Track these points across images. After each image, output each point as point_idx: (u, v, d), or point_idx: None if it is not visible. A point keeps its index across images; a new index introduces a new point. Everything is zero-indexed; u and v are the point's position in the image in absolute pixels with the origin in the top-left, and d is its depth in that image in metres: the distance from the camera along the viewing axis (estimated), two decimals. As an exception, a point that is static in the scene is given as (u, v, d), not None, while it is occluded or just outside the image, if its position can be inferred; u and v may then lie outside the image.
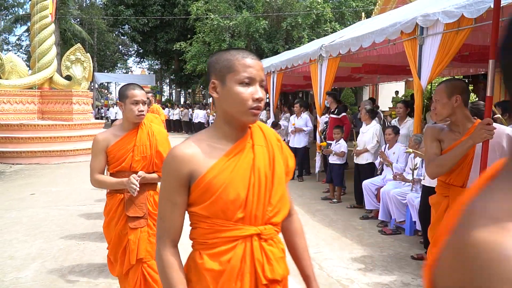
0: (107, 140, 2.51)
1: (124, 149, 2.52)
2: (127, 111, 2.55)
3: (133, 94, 2.54)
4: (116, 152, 2.51)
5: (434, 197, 2.48)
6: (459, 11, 4.13)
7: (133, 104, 2.52)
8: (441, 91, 2.30)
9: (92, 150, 2.53)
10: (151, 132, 2.61)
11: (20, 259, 4.04)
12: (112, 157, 2.52)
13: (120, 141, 2.52)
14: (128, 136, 2.55)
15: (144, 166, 2.56)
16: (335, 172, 6.47)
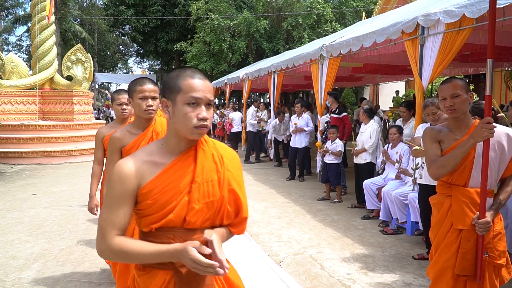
0: (140, 172, 1.38)
1: (173, 189, 1.37)
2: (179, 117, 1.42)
3: None
4: (158, 196, 1.36)
5: (436, 197, 2.47)
6: (460, 10, 4.13)
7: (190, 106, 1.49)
8: (461, 86, 2.26)
9: (112, 191, 1.39)
10: (217, 156, 1.46)
11: (22, 259, 4.05)
12: (149, 204, 1.37)
13: (165, 173, 1.38)
14: (180, 164, 1.40)
15: (208, 219, 1.42)
16: (332, 171, 6.47)
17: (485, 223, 2.17)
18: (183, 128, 1.36)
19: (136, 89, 2.42)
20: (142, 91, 2.41)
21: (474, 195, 2.25)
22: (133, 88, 2.43)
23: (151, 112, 2.44)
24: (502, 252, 2.28)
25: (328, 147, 6.58)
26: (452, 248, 2.28)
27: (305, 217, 5.56)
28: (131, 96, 2.45)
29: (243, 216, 1.50)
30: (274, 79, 10.10)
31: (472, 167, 2.25)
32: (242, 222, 1.51)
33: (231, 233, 1.52)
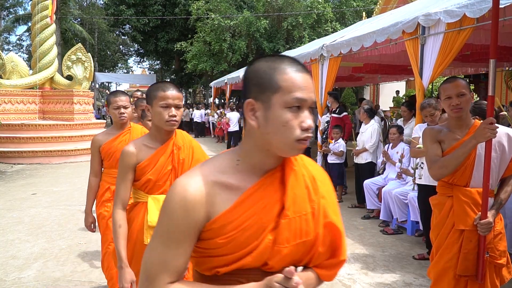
0: (210, 198, 1.02)
1: (254, 224, 1.02)
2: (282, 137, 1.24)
3: None
4: (234, 234, 1.01)
5: (436, 198, 2.47)
6: (461, 10, 4.12)
7: None
8: (465, 86, 2.25)
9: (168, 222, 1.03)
10: (309, 177, 1.11)
11: (22, 259, 4.05)
12: (220, 243, 1.01)
13: (244, 202, 1.02)
14: (263, 190, 1.04)
15: (293, 262, 1.06)
16: (334, 171, 6.47)
17: (487, 223, 2.17)
18: (280, 142, 0.97)
19: (157, 95, 2.02)
20: (164, 97, 2.00)
21: (476, 195, 2.24)
22: (154, 93, 2.04)
23: (173, 124, 2.04)
24: (502, 252, 2.28)
25: (330, 147, 6.58)
26: (454, 248, 2.28)
27: (305, 217, 5.55)
28: (150, 103, 2.06)
29: (340, 258, 1.09)
30: (274, 79, 10.08)
31: (473, 167, 2.25)
32: (337, 266, 1.10)
33: (320, 280, 1.10)
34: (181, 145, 2.16)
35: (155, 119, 2.05)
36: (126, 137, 2.91)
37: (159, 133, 2.11)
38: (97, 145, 2.93)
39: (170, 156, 2.12)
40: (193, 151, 2.18)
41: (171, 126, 2.03)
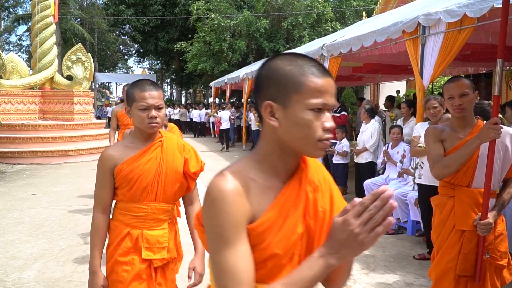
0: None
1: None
2: None
3: None
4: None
5: (438, 198, 2.45)
6: (461, 10, 4.12)
7: None
8: (468, 85, 2.23)
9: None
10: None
11: (23, 259, 4.05)
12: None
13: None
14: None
15: None
16: (339, 172, 6.47)
17: (487, 224, 2.16)
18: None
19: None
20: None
21: (478, 196, 2.23)
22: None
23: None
24: (503, 253, 2.27)
25: (335, 148, 6.58)
26: (455, 249, 2.27)
27: (305, 217, 5.54)
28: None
29: None
30: (274, 78, 10.08)
31: (476, 167, 2.24)
32: None
33: None
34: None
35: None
36: (157, 153, 1.93)
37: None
38: (109, 164, 1.88)
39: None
40: None
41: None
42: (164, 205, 1.94)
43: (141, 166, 1.87)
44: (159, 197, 1.91)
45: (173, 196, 1.96)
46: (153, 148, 1.93)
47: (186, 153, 2.01)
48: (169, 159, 1.94)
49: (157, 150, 1.93)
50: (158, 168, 1.90)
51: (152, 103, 1.85)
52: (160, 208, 1.92)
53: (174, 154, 1.96)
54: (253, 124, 12.78)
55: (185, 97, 39.61)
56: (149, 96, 1.86)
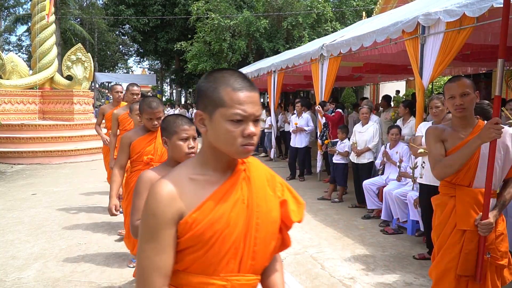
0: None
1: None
2: None
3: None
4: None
5: (438, 198, 2.45)
6: (460, 10, 4.12)
7: None
8: (469, 85, 2.23)
9: None
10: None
11: (22, 259, 4.04)
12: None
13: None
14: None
15: None
16: (339, 171, 6.47)
17: (487, 224, 2.16)
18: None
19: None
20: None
21: (479, 196, 2.23)
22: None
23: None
24: (504, 253, 2.27)
25: (337, 148, 6.58)
26: (456, 248, 2.27)
27: (305, 217, 5.52)
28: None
29: None
30: (274, 78, 10.09)
31: (477, 167, 2.23)
32: None
33: None
34: None
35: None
36: (243, 192, 2.40)
37: None
38: (171, 212, 2.85)
39: None
40: None
41: None
42: (253, 278, 1.21)
43: (226, 216, 1.15)
44: (245, 265, 1.18)
45: (265, 261, 1.26)
46: (239, 184, 1.20)
47: (278, 189, 1.31)
48: (261, 202, 1.21)
49: (244, 186, 1.20)
50: (247, 217, 1.18)
51: None
52: (247, 284, 1.19)
53: (266, 192, 1.25)
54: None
55: (185, 97, 39.59)
56: None
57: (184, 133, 2.06)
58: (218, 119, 1.10)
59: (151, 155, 3.05)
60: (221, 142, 1.11)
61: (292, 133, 8.31)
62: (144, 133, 3.12)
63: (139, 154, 3.09)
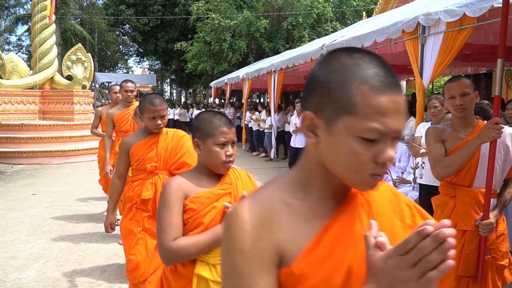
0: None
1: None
2: None
3: None
4: None
5: (439, 198, 2.45)
6: (461, 10, 4.12)
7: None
8: (469, 85, 2.23)
9: None
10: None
11: (22, 259, 4.04)
12: None
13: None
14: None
15: None
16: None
17: (488, 224, 2.16)
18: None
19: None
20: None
21: (479, 196, 2.23)
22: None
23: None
24: (504, 253, 2.27)
25: None
26: (456, 249, 2.26)
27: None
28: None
29: None
30: (274, 78, 10.09)
31: (477, 167, 2.23)
32: None
33: None
34: None
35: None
36: None
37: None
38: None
39: None
40: None
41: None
42: None
43: None
44: None
45: None
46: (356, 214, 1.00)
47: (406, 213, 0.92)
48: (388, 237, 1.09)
49: (363, 217, 0.97)
50: None
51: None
52: None
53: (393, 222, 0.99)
54: (253, 125, 12.60)
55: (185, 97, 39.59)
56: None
57: (223, 137, 1.68)
58: (342, 132, 0.73)
59: (155, 163, 2.66)
60: (341, 165, 0.75)
61: (292, 133, 8.31)
62: (144, 137, 2.72)
63: (141, 161, 2.67)
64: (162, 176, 2.67)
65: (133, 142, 2.70)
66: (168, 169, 2.70)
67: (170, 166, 2.69)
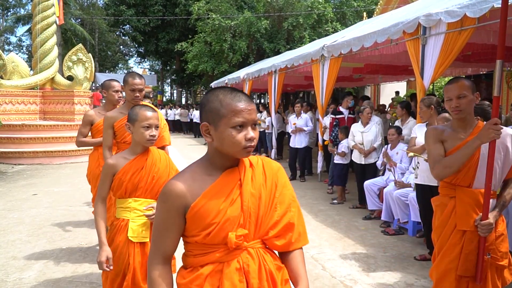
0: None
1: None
2: None
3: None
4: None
5: (438, 198, 2.45)
6: (461, 10, 4.12)
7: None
8: (467, 87, 2.26)
9: None
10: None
11: (23, 260, 4.05)
12: None
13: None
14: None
15: None
16: (337, 171, 6.47)
17: (487, 224, 2.17)
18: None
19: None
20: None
21: (479, 196, 2.24)
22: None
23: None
24: (504, 253, 2.27)
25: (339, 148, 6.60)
26: (456, 249, 2.27)
27: (306, 217, 5.54)
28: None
29: None
30: (275, 79, 10.09)
31: (476, 168, 2.24)
32: None
33: None
34: None
35: None
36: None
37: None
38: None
39: None
40: None
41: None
42: None
43: None
44: None
45: None
46: None
47: None
48: None
49: None
50: None
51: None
52: None
53: None
54: None
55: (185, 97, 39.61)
56: None
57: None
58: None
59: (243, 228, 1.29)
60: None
61: (292, 133, 8.32)
62: (215, 178, 1.41)
63: (215, 227, 1.31)
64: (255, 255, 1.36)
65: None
66: (262, 237, 1.38)
67: (267, 231, 1.38)
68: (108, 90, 3.88)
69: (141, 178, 2.32)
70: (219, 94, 1.31)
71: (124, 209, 2.36)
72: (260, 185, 1.36)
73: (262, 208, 1.34)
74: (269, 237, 1.36)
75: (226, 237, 1.28)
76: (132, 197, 2.35)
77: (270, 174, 1.41)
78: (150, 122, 2.29)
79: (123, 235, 2.32)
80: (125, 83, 3.22)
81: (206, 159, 1.39)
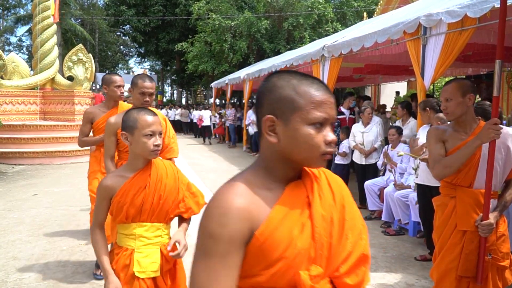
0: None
1: None
2: None
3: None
4: None
5: (439, 198, 2.46)
6: (462, 10, 4.12)
7: None
8: (455, 90, 2.28)
9: None
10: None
11: (24, 260, 4.04)
12: None
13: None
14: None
15: None
16: (338, 172, 6.46)
17: (488, 224, 2.17)
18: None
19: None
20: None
21: (479, 197, 2.24)
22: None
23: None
24: (505, 254, 2.27)
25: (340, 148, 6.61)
26: (456, 249, 2.27)
27: (306, 217, 5.53)
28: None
29: None
30: (275, 79, 10.07)
31: (477, 168, 2.25)
32: None
33: None
34: None
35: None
36: None
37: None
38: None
39: None
40: None
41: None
42: None
43: None
44: None
45: None
46: None
47: None
48: None
49: None
50: None
51: None
52: None
53: None
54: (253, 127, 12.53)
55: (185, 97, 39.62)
56: None
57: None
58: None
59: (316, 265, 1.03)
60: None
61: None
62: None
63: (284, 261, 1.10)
64: None
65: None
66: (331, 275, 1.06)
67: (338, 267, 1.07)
68: (109, 86, 3.47)
69: (145, 198, 1.89)
70: (292, 78, 0.98)
71: (127, 236, 1.91)
72: (330, 205, 1.03)
73: (335, 236, 1.00)
74: (340, 274, 0.99)
75: (292, 279, 0.94)
76: (136, 221, 1.89)
77: (337, 190, 1.09)
78: (153, 129, 1.86)
79: (126, 269, 1.87)
80: (134, 85, 2.90)
81: (261, 167, 1.04)
